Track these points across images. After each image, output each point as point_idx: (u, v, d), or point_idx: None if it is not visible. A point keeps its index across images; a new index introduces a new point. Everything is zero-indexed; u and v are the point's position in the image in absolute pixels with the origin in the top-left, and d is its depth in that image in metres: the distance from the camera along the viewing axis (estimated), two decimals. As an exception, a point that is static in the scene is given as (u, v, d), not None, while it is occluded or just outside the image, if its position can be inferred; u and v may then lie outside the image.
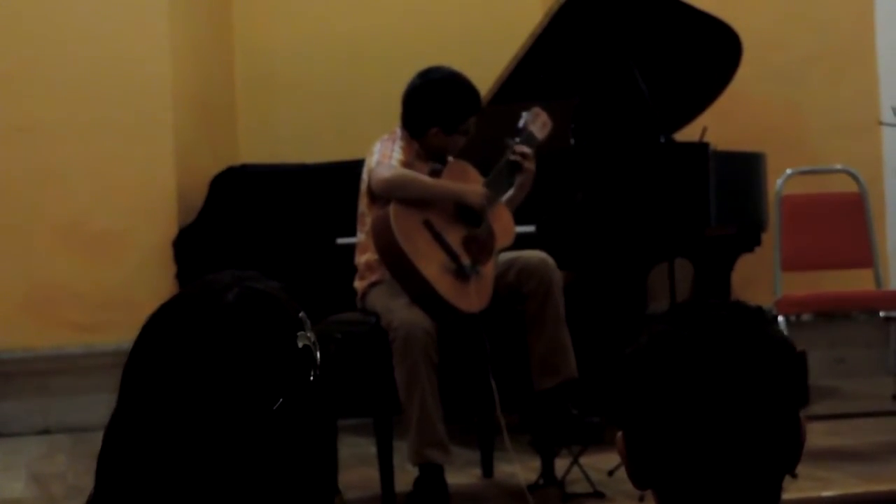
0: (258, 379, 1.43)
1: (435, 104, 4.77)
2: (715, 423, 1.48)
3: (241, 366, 1.42)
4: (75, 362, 6.70)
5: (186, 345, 1.43)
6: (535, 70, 6.13)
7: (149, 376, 1.45)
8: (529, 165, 4.82)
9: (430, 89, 4.79)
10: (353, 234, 4.97)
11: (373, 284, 4.79)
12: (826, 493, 4.44)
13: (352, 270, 4.92)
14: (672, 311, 1.57)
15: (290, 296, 1.51)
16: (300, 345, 1.47)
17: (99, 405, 1.43)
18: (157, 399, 1.43)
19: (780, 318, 5.54)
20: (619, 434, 1.58)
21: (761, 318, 1.54)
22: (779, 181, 6.07)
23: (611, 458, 4.55)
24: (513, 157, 4.81)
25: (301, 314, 1.49)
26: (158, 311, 1.49)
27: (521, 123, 4.90)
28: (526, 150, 4.82)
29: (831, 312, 6.89)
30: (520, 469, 4.60)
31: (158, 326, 1.47)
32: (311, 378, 1.48)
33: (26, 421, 6.71)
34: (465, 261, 4.63)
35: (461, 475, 4.97)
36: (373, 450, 4.76)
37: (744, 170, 6.17)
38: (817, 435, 5.53)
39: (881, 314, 6.49)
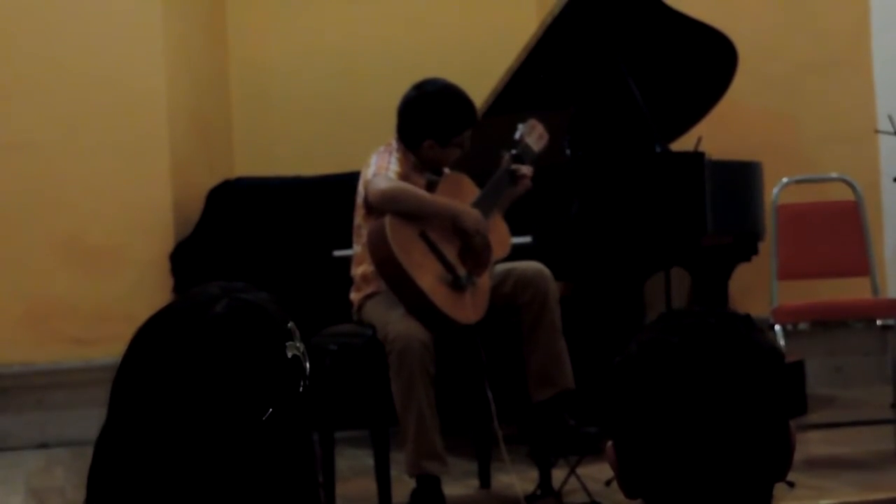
0: (247, 390, 1.43)
1: (429, 116, 4.77)
2: (704, 431, 1.48)
3: (229, 377, 1.42)
4: (73, 376, 6.69)
5: (175, 356, 1.44)
6: (530, 81, 6.14)
7: (138, 388, 1.45)
8: (527, 184, 4.84)
9: (424, 101, 4.80)
10: (350, 246, 4.97)
11: (369, 296, 4.79)
12: (823, 502, 4.44)
13: (348, 282, 4.92)
14: (660, 319, 1.57)
15: (279, 306, 1.51)
16: (289, 355, 1.47)
17: (97, 419, 1.43)
18: (147, 411, 1.43)
19: (778, 328, 5.54)
20: (609, 443, 1.58)
21: (749, 326, 1.54)
22: (775, 190, 6.07)
23: (608, 469, 4.53)
24: (517, 174, 4.81)
25: (290, 324, 1.49)
26: (147, 323, 1.49)
27: (517, 135, 4.91)
28: (527, 172, 4.83)
29: (828, 321, 6.89)
30: (517, 480, 4.60)
31: (147, 339, 1.48)
32: (301, 388, 1.48)
33: (24, 435, 6.71)
34: (461, 272, 4.64)
35: (459, 486, 4.97)
36: (370, 461, 4.76)
37: (740, 179, 6.17)
38: (815, 443, 5.53)
39: (878, 322, 6.48)
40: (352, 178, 4.97)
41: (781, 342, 5.46)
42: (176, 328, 1.46)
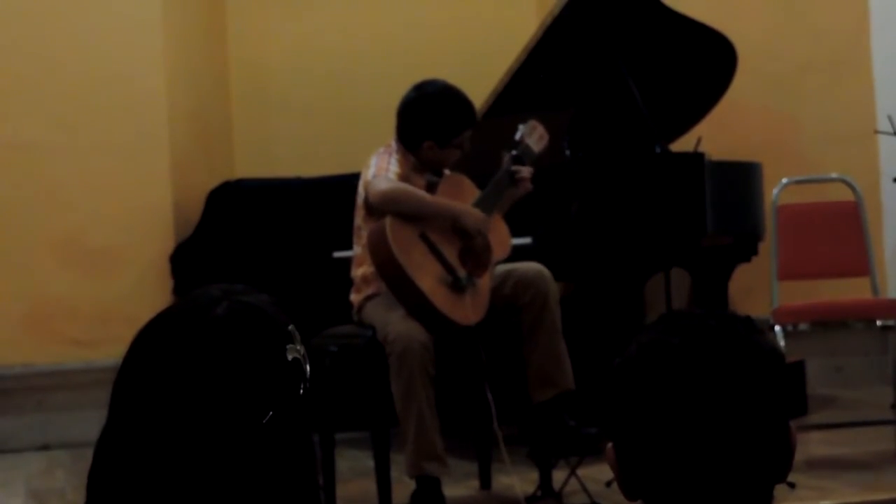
0: (248, 392, 1.43)
1: (429, 117, 4.77)
2: (704, 432, 1.48)
3: (230, 379, 1.42)
4: (74, 378, 6.69)
5: (176, 359, 1.44)
6: (530, 83, 6.14)
7: (138, 390, 1.45)
8: (527, 186, 4.83)
9: (424, 103, 4.80)
10: (350, 247, 4.97)
11: (369, 297, 4.79)
12: (824, 503, 4.43)
13: (348, 284, 4.92)
14: (660, 320, 1.57)
15: (279, 309, 1.51)
16: (289, 357, 1.47)
17: (98, 421, 1.44)
18: (147, 413, 1.44)
19: (778, 328, 5.54)
20: (609, 445, 1.58)
21: (750, 327, 1.54)
22: (775, 190, 6.07)
23: (608, 470, 4.53)
24: (517, 176, 4.81)
25: (290, 327, 1.49)
26: (148, 325, 1.49)
27: (517, 136, 4.90)
28: (527, 174, 4.82)
29: (829, 322, 6.89)
30: (517, 481, 4.60)
31: (148, 341, 1.48)
32: (301, 391, 1.48)
33: (25, 437, 6.71)
34: (461, 273, 4.63)
35: (459, 487, 4.97)
36: (370, 463, 4.75)
37: (740, 179, 6.17)
38: (815, 444, 5.53)
39: (878, 323, 6.48)
40: (352, 179, 4.98)
41: (782, 343, 5.46)
42: (176, 330, 1.46)
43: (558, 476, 4.72)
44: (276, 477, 1.44)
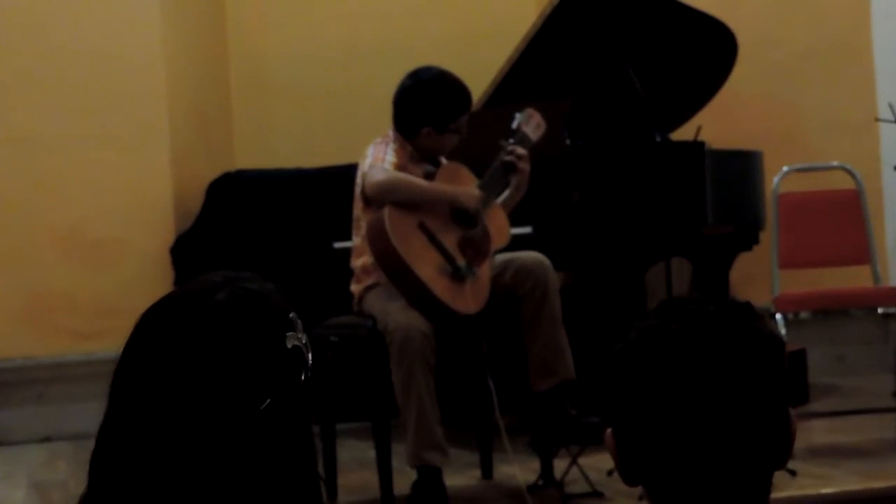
0: (247, 378, 1.43)
1: (425, 104, 4.77)
2: (703, 418, 1.48)
3: (229, 365, 1.42)
4: (75, 370, 6.69)
5: (176, 343, 1.44)
6: (529, 72, 6.13)
7: (139, 375, 1.46)
8: (524, 166, 4.81)
9: (420, 89, 4.79)
10: (350, 238, 4.97)
11: (369, 288, 4.79)
12: (825, 490, 4.43)
13: (348, 274, 4.92)
14: (660, 306, 1.57)
15: (283, 297, 1.51)
16: (289, 345, 1.47)
17: (99, 412, 1.45)
18: (148, 398, 1.44)
19: (779, 316, 5.53)
20: (609, 430, 1.58)
21: (749, 313, 1.54)
22: (776, 179, 6.06)
23: (609, 458, 4.53)
24: (507, 158, 4.80)
25: (292, 315, 1.49)
26: (150, 310, 1.50)
27: (514, 124, 4.90)
28: (521, 150, 4.81)
29: (830, 310, 6.88)
30: (519, 470, 4.60)
31: (149, 325, 1.48)
32: (302, 378, 1.48)
33: (27, 429, 6.71)
34: (461, 262, 4.63)
35: (460, 477, 4.97)
36: (371, 453, 4.76)
37: (740, 168, 6.16)
38: (817, 432, 5.53)
39: (880, 311, 6.48)
40: (352, 170, 4.97)
41: (783, 331, 5.46)
42: (177, 315, 1.46)
43: (559, 465, 4.72)
44: (275, 464, 1.44)
